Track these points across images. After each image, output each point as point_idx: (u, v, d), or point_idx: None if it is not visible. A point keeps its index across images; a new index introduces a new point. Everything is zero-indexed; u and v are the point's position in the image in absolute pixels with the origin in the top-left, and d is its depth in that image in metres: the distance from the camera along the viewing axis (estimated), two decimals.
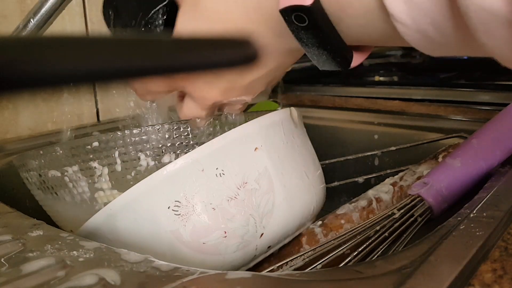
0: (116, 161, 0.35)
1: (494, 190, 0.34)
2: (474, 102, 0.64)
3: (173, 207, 0.29)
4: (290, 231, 0.35)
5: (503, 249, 0.25)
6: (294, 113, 0.36)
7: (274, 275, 0.24)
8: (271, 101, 0.70)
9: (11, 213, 0.33)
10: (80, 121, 0.65)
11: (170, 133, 0.36)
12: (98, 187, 0.35)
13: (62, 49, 0.12)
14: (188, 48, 0.15)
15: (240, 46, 0.17)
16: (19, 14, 0.56)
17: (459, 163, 0.39)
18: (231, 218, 0.30)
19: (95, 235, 0.30)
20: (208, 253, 0.30)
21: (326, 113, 0.70)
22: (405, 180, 0.43)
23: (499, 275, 0.23)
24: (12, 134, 0.57)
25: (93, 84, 0.12)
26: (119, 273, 0.23)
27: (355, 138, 0.62)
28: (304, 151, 0.36)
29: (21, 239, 0.28)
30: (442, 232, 0.27)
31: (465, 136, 0.49)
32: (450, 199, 0.38)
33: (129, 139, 0.35)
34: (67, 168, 0.34)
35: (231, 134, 0.31)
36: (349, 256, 0.33)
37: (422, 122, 0.59)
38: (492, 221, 0.28)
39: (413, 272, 0.23)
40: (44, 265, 0.24)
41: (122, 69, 0.13)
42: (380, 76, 0.93)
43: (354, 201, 0.42)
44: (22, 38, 0.11)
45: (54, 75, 0.11)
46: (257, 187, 0.31)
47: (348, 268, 0.25)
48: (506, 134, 0.40)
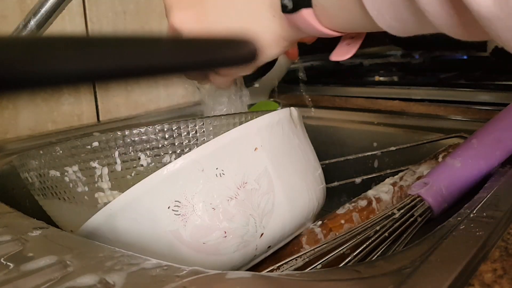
0: (116, 161, 0.34)
1: (494, 190, 0.34)
2: (474, 102, 0.64)
3: (173, 207, 0.29)
4: (290, 231, 0.35)
5: (503, 249, 0.25)
6: (294, 113, 0.36)
7: (274, 275, 0.24)
8: (271, 101, 0.70)
9: (11, 213, 0.33)
10: (80, 121, 0.65)
11: (170, 133, 0.36)
12: (98, 187, 0.35)
13: (62, 49, 0.12)
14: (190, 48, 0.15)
15: (241, 46, 0.17)
16: (19, 14, 0.56)
17: (459, 163, 0.39)
18: (231, 218, 0.30)
19: (95, 235, 0.30)
20: (208, 253, 0.30)
21: (326, 113, 0.70)
22: (405, 180, 0.43)
23: (499, 275, 0.23)
24: (12, 134, 0.57)
25: (93, 83, 0.12)
26: (119, 273, 0.23)
27: (355, 138, 0.62)
28: (304, 151, 0.36)
29: (21, 239, 0.28)
30: (442, 232, 0.27)
31: (465, 136, 0.49)
32: (450, 199, 0.38)
33: (129, 139, 0.35)
34: (67, 168, 0.34)
35: (231, 134, 0.31)
36: (349, 256, 0.33)
37: (422, 122, 0.59)
38: (492, 221, 0.28)
39: (413, 272, 0.23)
40: (44, 265, 0.24)
41: (122, 69, 0.13)
42: (380, 76, 0.93)
43: (354, 201, 0.42)
44: (22, 38, 0.11)
45: (54, 75, 0.11)
46: (257, 187, 0.31)
47: (348, 268, 0.25)
48: (506, 134, 0.40)
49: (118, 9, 0.68)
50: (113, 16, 0.67)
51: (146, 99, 0.72)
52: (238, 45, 0.17)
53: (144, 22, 0.71)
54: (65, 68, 0.11)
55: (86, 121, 0.65)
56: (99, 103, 0.67)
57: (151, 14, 0.72)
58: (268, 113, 0.34)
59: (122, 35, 0.13)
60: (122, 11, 0.68)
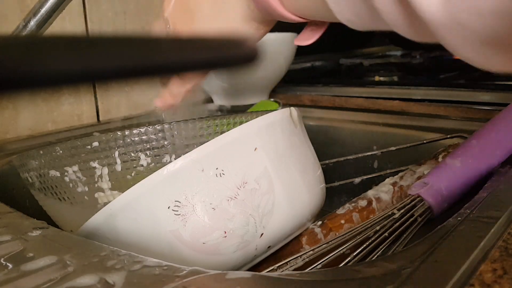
0: (116, 161, 0.34)
1: (494, 190, 0.34)
2: (474, 102, 0.64)
3: (173, 207, 0.29)
4: (290, 231, 0.35)
5: (503, 249, 0.25)
6: (294, 113, 0.36)
7: (274, 275, 0.24)
8: (271, 101, 0.70)
9: (11, 213, 0.33)
10: (80, 121, 0.65)
11: (170, 133, 0.36)
12: (98, 187, 0.35)
13: (62, 49, 0.12)
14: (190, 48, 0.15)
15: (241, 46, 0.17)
16: (19, 14, 0.56)
17: (459, 163, 0.39)
18: (231, 218, 0.30)
19: (95, 235, 0.30)
20: (208, 253, 0.30)
21: (326, 113, 0.70)
22: (405, 180, 0.43)
23: (499, 275, 0.23)
24: (12, 134, 0.57)
25: (93, 84, 0.12)
26: (119, 273, 0.23)
27: (355, 138, 0.62)
28: (304, 151, 0.36)
29: (21, 239, 0.28)
30: (442, 232, 0.27)
31: (465, 136, 0.49)
32: (450, 199, 0.38)
33: (129, 139, 0.35)
34: (67, 168, 0.34)
35: (231, 134, 0.31)
36: (349, 256, 0.33)
37: (422, 122, 0.59)
38: (492, 222, 0.28)
39: (413, 272, 0.23)
40: (44, 265, 0.24)
41: (122, 68, 0.13)
42: (380, 76, 0.93)
43: (354, 201, 0.42)
44: (22, 38, 0.11)
45: (54, 75, 0.11)
46: (257, 187, 0.31)
47: (348, 268, 0.25)
48: (506, 134, 0.40)
49: (118, 9, 0.68)
50: (113, 16, 0.67)
51: (146, 99, 0.72)
52: (239, 44, 0.17)
53: (144, 22, 0.71)
54: (65, 68, 0.11)
55: (86, 121, 0.65)
56: (99, 103, 0.67)
57: (151, 14, 0.72)
58: (268, 113, 0.34)
59: (122, 35, 0.13)
60: (122, 11, 0.68)
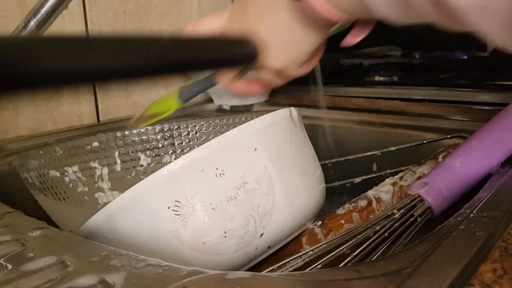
0: (116, 161, 0.34)
1: (494, 190, 0.34)
2: (474, 102, 0.63)
3: (173, 207, 0.29)
4: (290, 231, 0.35)
5: (503, 249, 0.25)
6: (294, 113, 0.36)
7: (274, 275, 0.24)
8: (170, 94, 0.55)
9: (11, 213, 0.33)
10: (80, 121, 0.65)
11: (170, 133, 0.36)
12: (98, 187, 0.34)
13: (62, 49, 0.12)
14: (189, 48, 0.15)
15: (241, 46, 0.17)
16: (19, 14, 0.56)
17: (459, 163, 0.39)
18: (231, 218, 0.30)
19: (95, 235, 0.30)
20: (208, 253, 0.30)
21: (326, 113, 0.70)
22: (405, 180, 0.43)
23: (499, 275, 0.23)
24: (12, 134, 0.57)
25: (93, 84, 0.12)
26: (119, 273, 0.23)
27: (355, 138, 0.62)
28: (304, 151, 0.36)
29: (21, 239, 0.28)
30: (442, 232, 0.27)
31: (465, 136, 0.49)
32: (450, 199, 0.38)
33: (129, 139, 0.35)
34: (67, 168, 0.34)
35: (231, 134, 0.31)
36: (349, 256, 0.33)
37: (422, 122, 0.59)
38: (492, 221, 0.28)
39: (413, 272, 0.23)
40: (44, 265, 0.24)
41: (122, 68, 0.13)
42: (380, 76, 0.93)
43: (354, 201, 0.42)
44: (22, 38, 0.11)
45: (54, 75, 0.11)
46: (257, 187, 0.31)
47: (348, 268, 0.25)
48: (506, 134, 0.40)
49: (118, 9, 0.68)
50: (113, 16, 0.67)
51: (146, 99, 0.72)
52: (239, 44, 0.17)
53: (144, 22, 0.71)
54: (65, 68, 0.11)
55: (86, 121, 0.65)
56: (99, 103, 0.67)
57: (151, 14, 0.72)
58: (269, 113, 0.34)
59: (122, 35, 0.13)
60: (122, 11, 0.68)
